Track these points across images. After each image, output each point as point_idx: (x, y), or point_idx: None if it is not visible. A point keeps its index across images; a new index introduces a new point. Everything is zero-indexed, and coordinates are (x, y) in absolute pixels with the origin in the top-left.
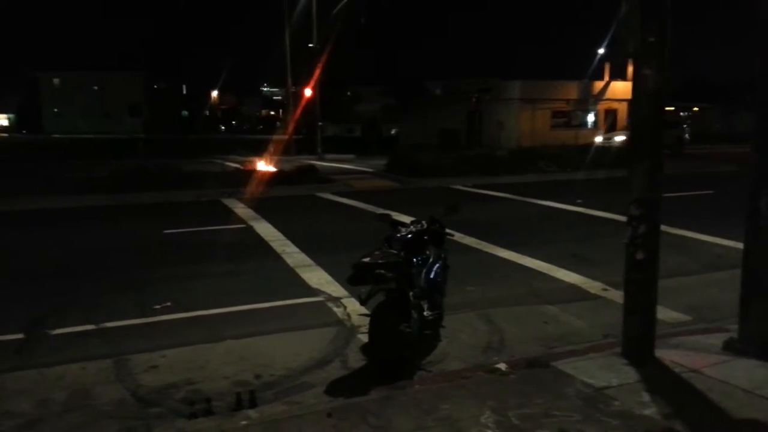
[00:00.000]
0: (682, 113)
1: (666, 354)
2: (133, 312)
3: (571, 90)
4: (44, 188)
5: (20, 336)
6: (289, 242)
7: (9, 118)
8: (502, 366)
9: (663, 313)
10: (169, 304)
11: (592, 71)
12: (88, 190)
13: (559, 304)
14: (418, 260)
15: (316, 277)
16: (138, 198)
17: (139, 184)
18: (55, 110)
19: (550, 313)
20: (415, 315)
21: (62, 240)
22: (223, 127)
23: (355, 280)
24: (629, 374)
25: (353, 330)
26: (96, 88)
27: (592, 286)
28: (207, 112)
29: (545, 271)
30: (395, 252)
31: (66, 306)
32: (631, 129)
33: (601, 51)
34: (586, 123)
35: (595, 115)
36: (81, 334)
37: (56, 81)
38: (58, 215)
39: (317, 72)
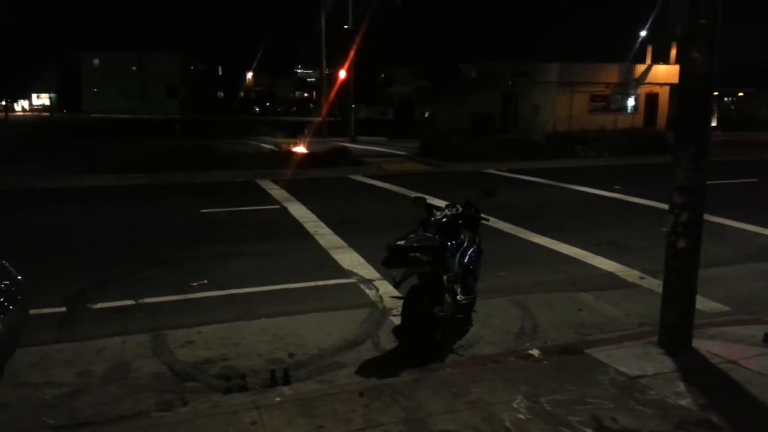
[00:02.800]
0: (725, 98)
1: (703, 344)
2: (170, 288)
3: (611, 73)
4: (84, 167)
5: (63, 309)
6: (322, 224)
7: (50, 98)
8: (535, 352)
9: (701, 303)
10: (205, 281)
11: (633, 54)
12: (127, 169)
13: (594, 291)
14: (452, 244)
15: (349, 258)
16: (175, 177)
17: (176, 164)
18: (95, 90)
19: (585, 300)
20: (448, 299)
21: (102, 218)
22: (257, 109)
23: (389, 262)
24: (665, 364)
25: (385, 312)
26: (134, 68)
27: (629, 274)
28: (242, 94)
29: (581, 258)
30: (430, 236)
31: (106, 281)
32: (678, 114)
33: (643, 33)
34: (626, 107)
35: (636, 100)
36: (121, 308)
37: (96, 61)
38: (97, 193)
39: (351, 54)
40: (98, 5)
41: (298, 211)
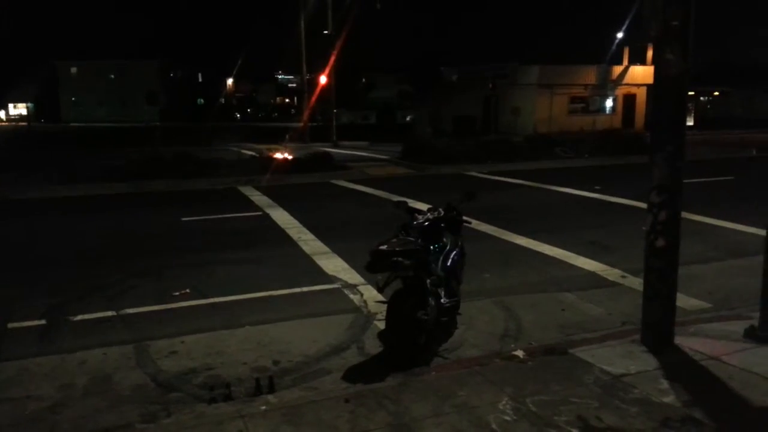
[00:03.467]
0: (701, 98)
1: (685, 341)
2: (152, 298)
3: (590, 75)
4: (62, 177)
5: (42, 322)
6: (305, 229)
7: (27, 107)
8: (520, 353)
9: (682, 301)
10: (187, 290)
11: (611, 55)
12: (106, 178)
13: (577, 291)
14: (435, 247)
15: (333, 264)
16: (155, 186)
17: (156, 172)
18: (73, 99)
19: (567, 300)
20: (432, 302)
21: (81, 227)
22: (238, 115)
23: (372, 267)
24: (648, 361)
25: (370, 317)
26: (113, 76)
27: (611, 273)
28: (222, 100)
29: (563, 259)
30: (412, 239)
31: (87, 292)
32: (653, 115)
33: (620, 35)
34: (604, 108)
35: (614, 101)
36: (102, 320)
37: (73, 70)
38: (76, 203)
39: (332, 59)
40: (75, 13)
41: (281, 217)
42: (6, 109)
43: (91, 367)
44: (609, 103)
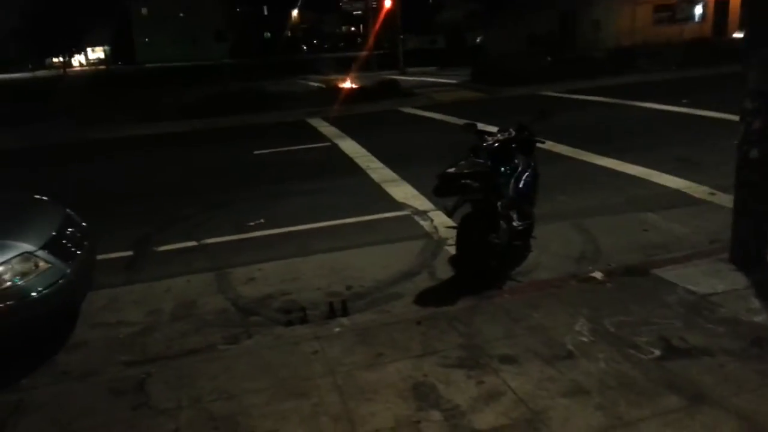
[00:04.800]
0: None
1: None
2: (229, 229)
3: None
4: (140, 116)
5: (129, 253)
6: (373, 158)
7: (105, 51)
8: (597, 275)
9: None
10: (262, 221)
11: None
12: (181, 116)
13: (661, 211)
14: (506, 169)
15: (402, 191)
16: (227, 121)
17: (227, 108)
18: (146, 40)
19: (650, 220)
20: (503, 225)
21: (160, 163)
22: (305, 47)
23: (440, 191)
24: (737, 280)
25: (440, 242)
26: (181, 14)
27: (698, 190)
28: (288, 33)
29: (646, 177)
30: (481, 161)
31: (169, 224)
32: (749, 11)
33: None
34: (693, 16)
35: (704, 7)
36: (184, 249)
37: (144, 11)
38: (154, 140)
39: None
40: None
41: (349, 146)
42: (85, 53)
43: (176, 294)
44: (698, 9)
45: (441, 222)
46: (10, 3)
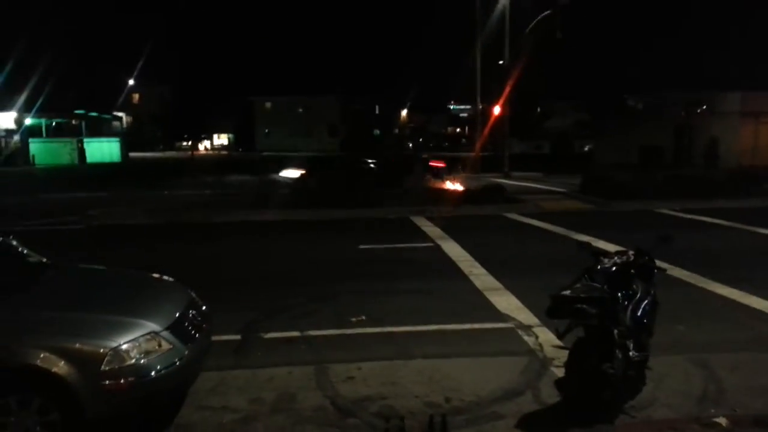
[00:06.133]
0: None
1: None
2: (331, 322)
3: None
4: (253, 203)
5: (238, 337)
6: (476, 263)
7: (229, 138)
8: (722, 421)
9: None
10: (363, 317)
11: None
12: (289, 205)
13: None
14: (623, 295)
15: (505, 301)
16: (333, 214)
17: (336, 202)
18: (266, 130)
19: None
20: (619, 355)
21: (267, 251)
22: (410, 144)
23: (553, 313)
24: None
25: (546, 362)
26: (300, 110)
27: None
28: (396, 130)
29: None
30: (598, 286)
31: (274, 312)
32: None
33: None
34: None
35: None
36: (287, 339)
37: (267, 105)
38: (262, 227)
39: (507, 89)
40: (269, 53)
41: (452, 249)
42: (211, 139)
43: (278, 384)
44: None
45: (546, 339)
46: (151, 91)
